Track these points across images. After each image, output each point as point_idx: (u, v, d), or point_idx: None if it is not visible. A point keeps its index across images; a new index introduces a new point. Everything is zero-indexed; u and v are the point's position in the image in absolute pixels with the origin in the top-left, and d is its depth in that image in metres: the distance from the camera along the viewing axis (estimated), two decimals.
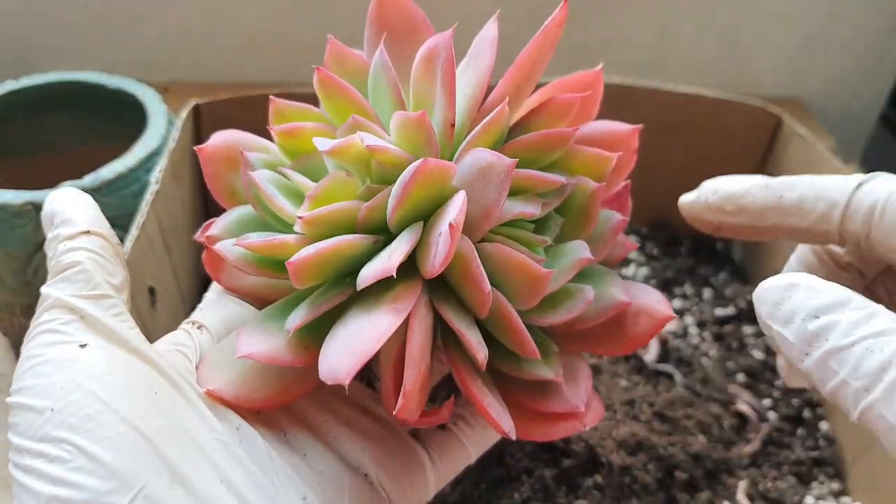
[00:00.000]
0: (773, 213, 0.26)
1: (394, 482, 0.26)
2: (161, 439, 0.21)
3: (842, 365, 0.19)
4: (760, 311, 0.21)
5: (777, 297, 0.20)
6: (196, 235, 0.27)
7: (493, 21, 0.26)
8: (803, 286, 0.20)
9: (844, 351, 0.19)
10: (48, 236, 0.25)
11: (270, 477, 0.23)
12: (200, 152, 0.27)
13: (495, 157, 0.23)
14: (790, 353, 0.20)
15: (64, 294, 0.23)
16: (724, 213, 0.27)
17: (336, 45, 0.28)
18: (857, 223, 0.24)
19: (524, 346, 0.24)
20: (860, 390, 0.19)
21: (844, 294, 0.20)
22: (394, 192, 0.23)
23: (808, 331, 0.20)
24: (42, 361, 0.22)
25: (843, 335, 0.19)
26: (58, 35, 0.71)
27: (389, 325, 0.21)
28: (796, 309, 0.20)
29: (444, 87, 0.24)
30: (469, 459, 0.29)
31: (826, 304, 0.20)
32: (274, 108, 0.27)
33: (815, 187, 0.25)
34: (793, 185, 0.25)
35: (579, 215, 0.27)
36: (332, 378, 0.21)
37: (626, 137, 0.28)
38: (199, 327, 0.28)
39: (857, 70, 0.76)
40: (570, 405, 0.26)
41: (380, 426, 0.27)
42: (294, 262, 0.22)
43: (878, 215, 0.23)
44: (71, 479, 0.20)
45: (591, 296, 0.26)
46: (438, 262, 0.22)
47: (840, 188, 0.24)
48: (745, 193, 0.26)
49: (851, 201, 0.24)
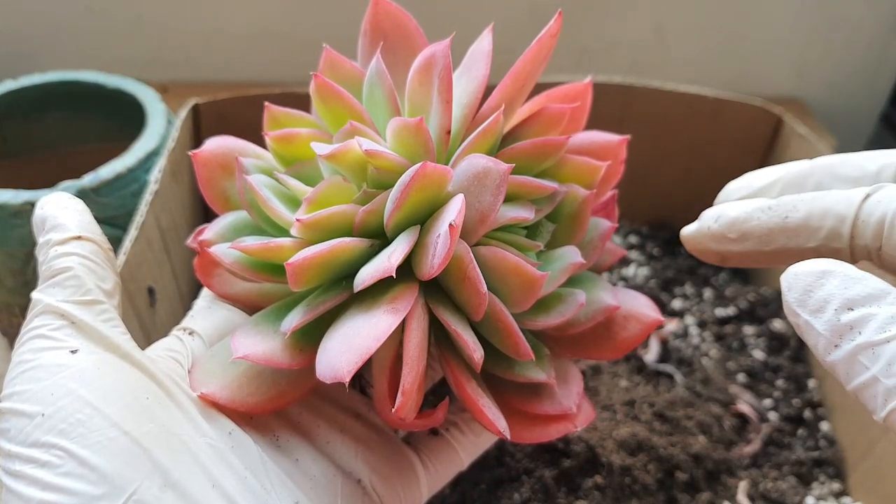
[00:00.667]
0: (780, 235, 0.24)
1: (387, 487, 0.26)
2: (152, 444, 0.21)
3: (874, 361, 0.18)
4: (789, 297, 0.20)
5: (808, 284, 0.19)
6: (188, 241, 0.28)
7: (487, 33, 0.27)
8: (838, 273, 0.19)
9: (878, 346, 0.18)
10: (39, 241, 0.25)
11: (263, 482, 0.23)
12: (195, 157, 0.27)
13: (492, 163, 0.23)
14: (817, 344, 0.19)
15: (55, 299, 0.23)
16: (728, 241, 0.25)
17: (331, 54, 0.28)
18: (867, 237, 0.22)
19: (518, 347, 0.24)
20: (892, 388, 0.18)
21: (881, 286, 0.19)
22: (392, 195, 0.23)
23: (840, 322, 0.19)
24: (33, 367, 0.22)
25: (878, 330, 0.18)
26: (58, 35, 0.71)
27: (389, 325, 0.21)
28: (829, 298, 0.19)
29: (440, 94, 0.25)
30: (461, 466, 0.29)
31: (862, 295, 0.19)
32: (268, 114, 0.28)
33: (820, 203, 0.23)
34: (796, 203, 0.24)
35: (570, 222, 0.27)
36: (333, 376, 0.21)
37: (615, 148, 0.29)
38: (190, 333, 0.28)
39: (858, 70, 0.76)
40: (563, 407, 0.26)
41: (372, 431, 0.27)
42: (293, 264, 0.22)
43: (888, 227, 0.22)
44: (61, 483, 0.20)
45: (583, 299, 0.26)
46: (437, 262, 0.22)
47: (846, 201, 0.23)
48: (749, 218, 0.24)
49: (860, 214, 0.22)
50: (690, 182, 0.58)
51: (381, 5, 0.29)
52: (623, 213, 0.61)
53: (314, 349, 0.24)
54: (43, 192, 0.40)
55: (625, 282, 0.56)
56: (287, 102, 0.31)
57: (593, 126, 0.30)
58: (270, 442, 0.25)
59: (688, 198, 0.56)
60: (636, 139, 0.57)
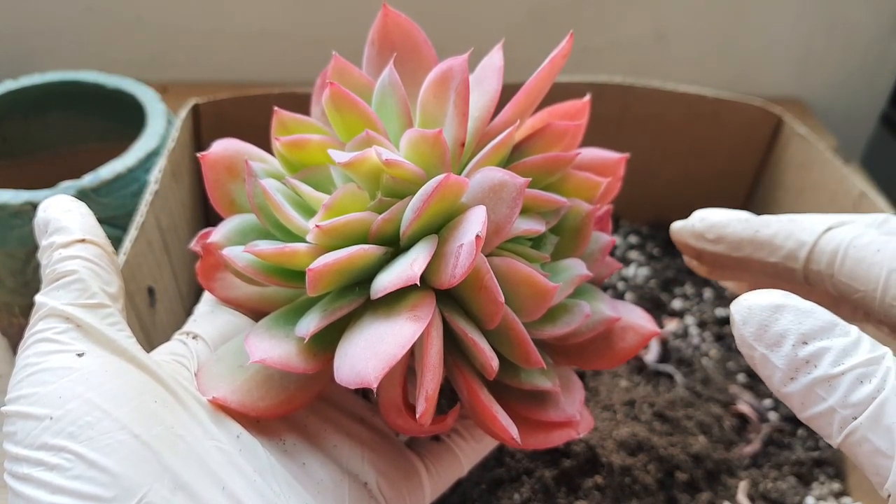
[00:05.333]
0: (748, 245, 0.27)
1: (393, 490, 0.26)
2: (161, 447, 0.21)
3: (830, 392, 0.19)
4: (744, 331, 0.20)
5: (764, 319, 0.20)
6: (192, 244, 0.28)
7: (498, 49, 0.28)
8: (791, 308, 0.20)
9: (835, 379, 0.19)
10: (42, 244, 0.25)
11: (272, 485, 0.23)
12: (203, 159, 0.28)
13: (508, 176, 0.24)
14: (772, 376, 0.20)
15: (60, 303, 0.23)
16: (705, 241, 0.28)
17: (340, 62, 0.28)
18: (821, 264, 0.25)
19: (529, 356, 0.25)
20: (847, 417, 0.19)
21: (828, 317, 0.20)
22: (413, 204, 0.24)
23: (798, 357, 0.19)
24: (39, 370, 0.22)
25: (833, 363, 0.19)
26: (58, 35, 0.71)
27: (413, 332, 0.22)
28: (786, 333, 0.20)
29: (457, 107, 0.25)
30: (462, 472, 0.29)
31: (815, 328, 0.19)
32: (277, 119, 0.28)
33: (787, 226, 0.26)
34: (769, 222, 0.27)
35: (573, 235, 0.28)
36: (359, 381, 0.21)
37: (614, 165, 0.30)
38: (194, 337, 0.28)
39: (858, 69, 0.76)
40: (567, 414, 0.27)
41: (377, 435, 0.28)
42: (315, 269, 0.23)
43: (840, 258, 0.24)
44: (71, 487, 0.20)
45: (588, 310, 0.27)
46: (460, 272, 0.22)
47: (810, 230, 0.25)
48: (727, 224, 0.27)
49: (818, 243, 0.25)
50: (690, 182, 0.58)
51: (390, 16, 0.29)
52: (623, 213, 0.62)
53: (327, 354, 0.24)
54: (43, 192, 0.40)
55: (625, 282, 0.56)
56: (287, 102, 0.31)
57: (593, 126, 0.30)
58: (277, 446, 0.25)
59: (688, 198, 0.57)
60: (636, 139, 0.57)
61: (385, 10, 0.29)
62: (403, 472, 0.27)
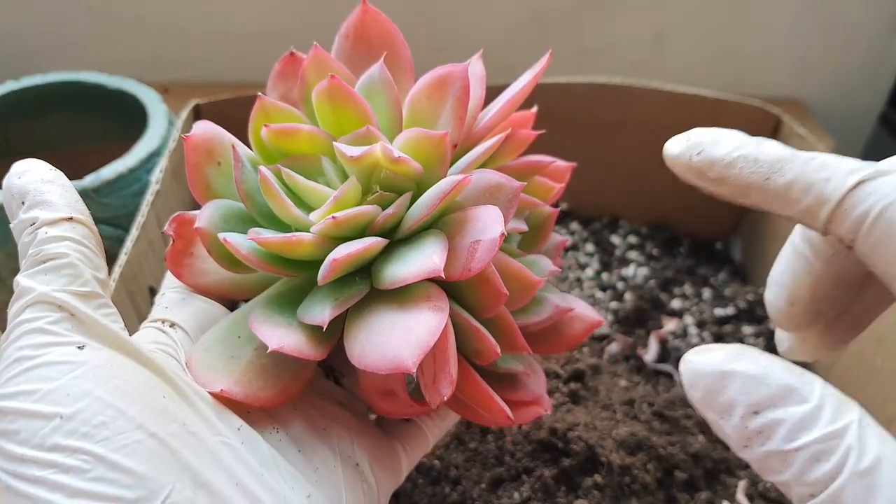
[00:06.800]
0: (757, 194, 0.22)
1: (382, 470, 0.27)
2: (178, 445, 0.21)
3: (786, 467, 0.18)
4: (693, 396, 0.19)
5: (710, 385, 0.19)
6: (165, 229, 0.27)
7: (478, 59, 0.30)
8: (739, 375, 0.18)
9: (789, 455, 0.18)
10: (19, 216, 0.23)
11: (276, 476, 0.23)
12: (187, 141, 0.27)
13: (504, 179, 0.25)
14: (727, 439, 0.19)
15: (49, 288, 0.21)
16: (706, 179, 0.23)
17: (320, 52, 0.29)
18: (843, 229, 0.21)
19: (515, 342, 0.27)
20: (805, 494, 0.18)
21: (784, 382, 0.18)
22: (427, 201, 0.25)
23: (748, 429, 0.18)
24: (39, 364, 0.20)
25: (787, 438, 0.18)
26: (58, 35, 0.71)
27: (440, 320, 0.23)
28: (734, 403, 0.18)
29: (455, 111, 0.27)
30: (428, 448, 0.30)
31: (766, 397, 0.18)
32: (260, 105, 0.28)
33: (807, 175, 0.21)
34: (784, 166, 0.22)
35: (536, 233, 0.30)
36: (395, 367, 0.22)
37: (564, 172, 0.32)
38: (171, 326, 0.26)
39: (857, 70, 0.77)
40: (535, 394, 0.29)
41: (359, 419, 0.28)
42: (339, 259, 0.23)
43: (867, 226, 0.20)
44: (92, 489, 0.19)
45: (558, 301, 0.29)
46: (477, 266, 0.23)
47: (836, 182, 0.21)
48: (732, 164, 0.22)
49: (844, 202, 0.21)
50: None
51: (370, 13, 0.30)
52: (622, 214, 0.62)
53: (329, 341, 0.25)
54: None
55: (624, 282, 0.56)
56: None
57: (593, 126, 0.31)
58: (273, 435, 0.25)
59: (687, 198, 0.57)
60: (635, 140, 0.57)
61: (364, 6, 0.30)
62: (387, 451, 0.28)
